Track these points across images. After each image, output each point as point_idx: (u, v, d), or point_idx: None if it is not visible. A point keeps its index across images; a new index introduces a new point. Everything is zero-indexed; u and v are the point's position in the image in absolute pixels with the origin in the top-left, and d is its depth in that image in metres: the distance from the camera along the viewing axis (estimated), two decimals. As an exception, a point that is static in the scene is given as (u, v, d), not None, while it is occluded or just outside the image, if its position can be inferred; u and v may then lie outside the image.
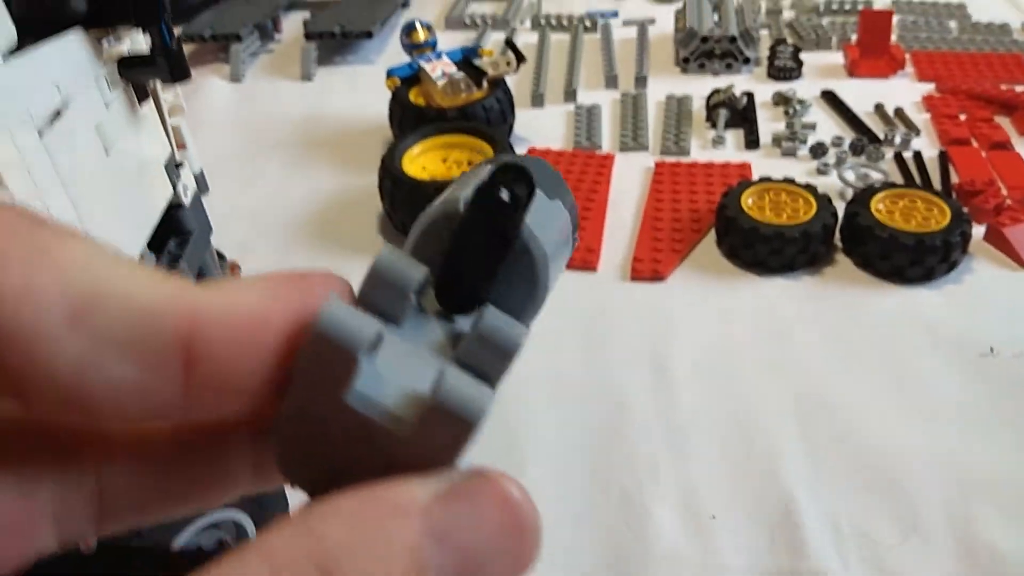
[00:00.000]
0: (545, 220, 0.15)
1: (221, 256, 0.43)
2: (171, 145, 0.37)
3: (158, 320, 0.11)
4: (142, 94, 0.34)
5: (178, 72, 0.31)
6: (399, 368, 0.13)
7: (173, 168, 0.37)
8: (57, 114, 0.28)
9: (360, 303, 0.13)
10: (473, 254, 0.14)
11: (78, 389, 0.11)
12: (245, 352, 0.12)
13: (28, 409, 0.12)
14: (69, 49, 0.30)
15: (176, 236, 0.38)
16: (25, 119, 0.26)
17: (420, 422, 0.12)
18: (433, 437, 0.12)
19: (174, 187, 0.37)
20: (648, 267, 0.60)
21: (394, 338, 0.13)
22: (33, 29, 0.32)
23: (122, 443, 0.14)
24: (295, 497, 0.14)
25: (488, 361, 0.13)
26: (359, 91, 0.90)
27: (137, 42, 0.35)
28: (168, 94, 0.37)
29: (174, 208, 0.38)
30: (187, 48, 0.99)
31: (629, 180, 0.72)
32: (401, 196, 0.62)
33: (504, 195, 0.13)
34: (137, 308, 0.11)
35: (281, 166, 0.77)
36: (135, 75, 0.32)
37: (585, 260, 0.62)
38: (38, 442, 0.13)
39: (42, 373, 0.11)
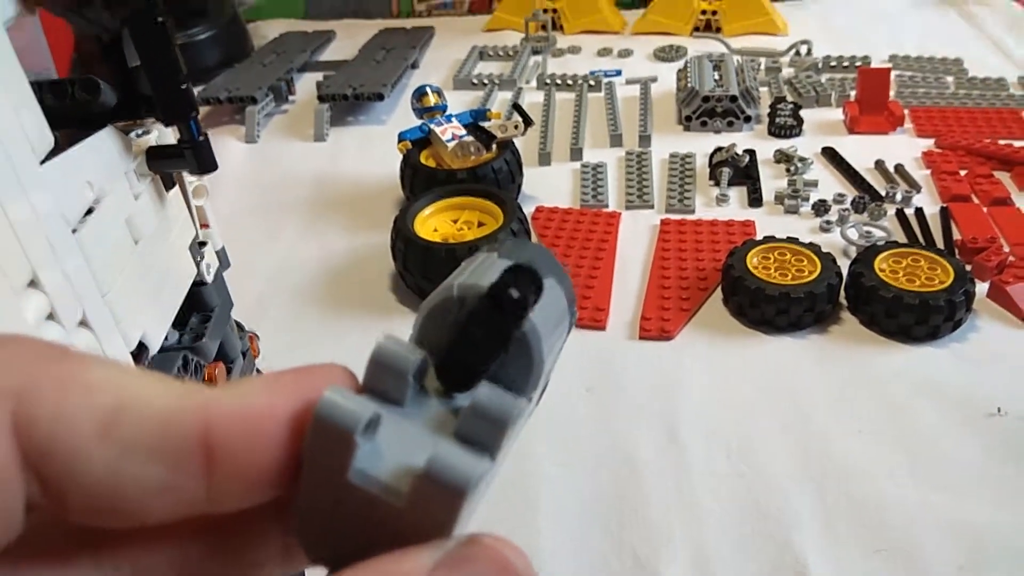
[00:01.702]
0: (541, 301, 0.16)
1: (240, 327, 0.44)
2: (196, 227, 0.38)
3: (176, 422, 0.12)
4: (168, 181, 0.36)
5: (206, 164, 0.33)
6: (398, 445, 0.14)
7: (197, 248, 0.38)
8: (89, 211, 0.30)
9: (364, 388, 0.14)
10: (475, 342, 0.15)
11: (111, 494, 0.12)
12: (257, 443, 0.13)
13: (67, 515, 0.13)
14: (101, 146, 0.31)
15: (198, 312, 0.39)
16: (60, 219, 0.28)
17: (413, 493, 0.13)
18: (427, 507, 0.13)
19: (198, 266, 0.38)
20: (656, 326, 0.61)
21: (395, 418, 0.14)
22: (64, 122, 0.34)
23: (156, 535, 0.15)
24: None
25: (484, 432, 0.13)
26: (371, 151, 0.92)
27: (164, 131, 0.36)
28: (191, 176, 0.39)
29: (197, 285, 0.39)
30: (203, 110, 1.03)
31: (635, 237, 0.73)
32: (413, 257, 0.64)
33: (514, 294, 0.15)
34: (156, 414, 0.12)
35: (295, 226, 0.79)
36: (163, 167, 0.34)
37: (594, 319, 0.63)
38: (78, 539, 0.14)
39: (78, 483, 0.12)
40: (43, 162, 0.28)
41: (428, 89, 0.81)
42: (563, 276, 0.18)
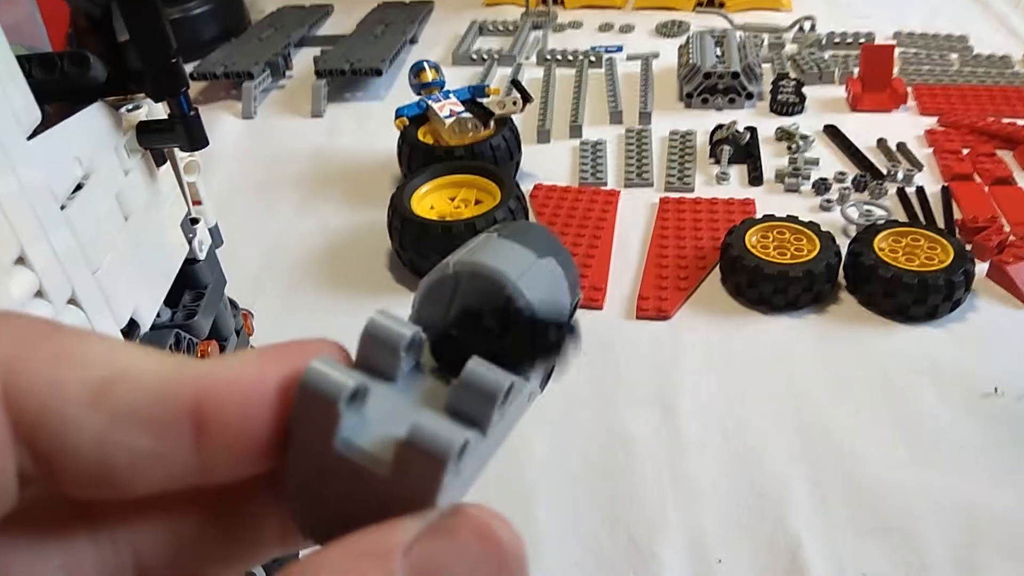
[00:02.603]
0: (536, 279, 0.16)
1: (234, 305, 0.44)
2: (187, 203, 0.38)
3: (167, 392, 0.13)
4: (160, 158, 0.35)
5: (196, 140, 0.32)
6: (385, 417, 0.14)
7: (189, 225, 0.38)
8: (78, 186, 0.29)
9: (357, 363, 0.14)
10: (469, 322, 0.16)
11: (102, 463, 0.12)
12: (247, 411, 0.13)
13: (60, 487, 0.13)
14: (90, 121, 0.31)
15: (191, 290, 0.39)
16: (48, 194, 0.27)
17: (396, 461, 0.13)
18: (410, 476, 0.13)
19: (190, 243, 0.38)
20: (653, 305, 0.61)
21: (386, 392, 0.14)
22: (54, 96, 0.34)
23: (154, 511, 0.15)
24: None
25: (473, 406, 0.13)
26: (368, 127, 0.91)
27: (154, 106, 0.36)
28: (183, 152, 0.38)
29: (189, 263, 0.39)
30: (199, 85, 1.01)
31: (634, 216, 0.73)
32: (409, 235, 0.63)
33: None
34: (148, 385, 0.12)
35: (291, 203, 0.79)
36: (153, 143, 0.33)
37: (591, 298, 0.62)
38: (75, 514, 0.14)
39: (70, 453, 0.12)
40: (31, 137, 0.27)
41: (426, 65, 0.80)
42: (564, 256, 0.17)
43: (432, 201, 0.68)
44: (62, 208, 0.28)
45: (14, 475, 0.12)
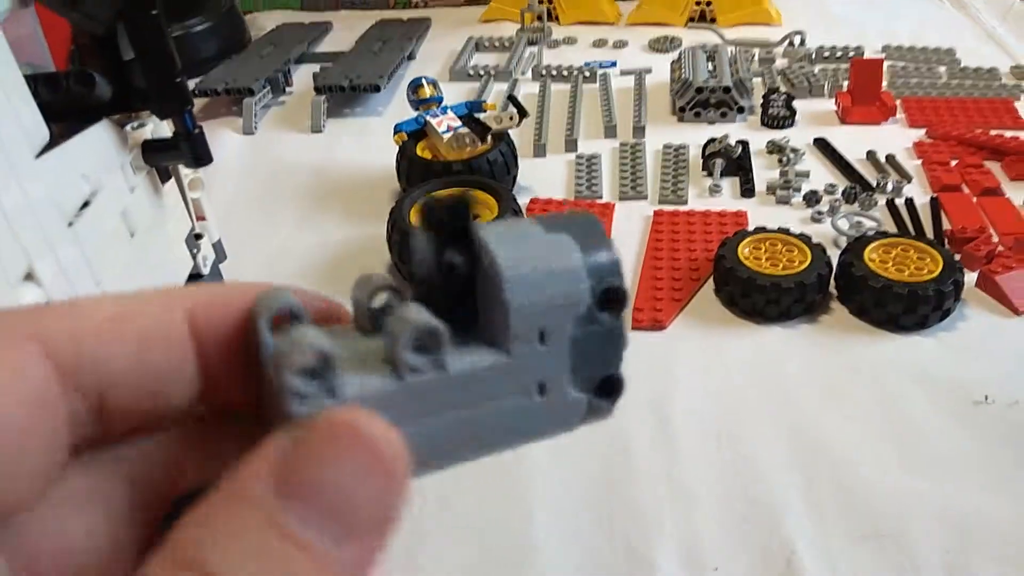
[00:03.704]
0: (522, 248, 0.15)
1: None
2: (191, 219, 0.39)
3: (168, 311, 0.14)
4: (164, 175, 0.36)
5: (201, 157, 0.33)
6: (317, 342, 0.14)
7: (193, 240, 0.39)
8: (85, 204, 0.30)
9: (353, 319, 0.16)
10: (431, 267, 0.16)
11: (138, 387, 0.14)
12: (229, 318, 0.15)
13: (107, 422, 0.14)
14: (96, 140, 0.32)
15: (194, 304, 0.40)
16: (55, 211, 0.28)
17: (272, 371, 0.14)
18: (275, 386, 0.14)
19: (194, 258, 0.39)
20: (648, 316, 0.62)
21: (355, 339, 0.16)
22: (60, 115, 0.35)
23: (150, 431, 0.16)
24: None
25: (388, 344, 0.14)
26: (367, 143, 0.92)
27: (159, 124, 0.37)
28: (187, 169, 0.39)
29: (194, 277, 0.39)
30: (201, 102, 1.03)
31: (629, 228, 0.74)
32: (408, 249, 0.64)
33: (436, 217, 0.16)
34: (153, 309, 0.14)
35: (292, 217, 0.79)
36: (158, 160, 0.34)
37: (587, 310, 0.63)
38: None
39: (113, 384, 0.14)
40: (39, 155, 0.28)
41: (424, 81, 0.81)
42: (587, 236, 0.16)
43: (430, 215, 0.69)
44: (69, 225, 0.29)
45: (66, 418, 0.13)
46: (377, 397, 0.14)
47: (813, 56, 1.06)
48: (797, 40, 1.10)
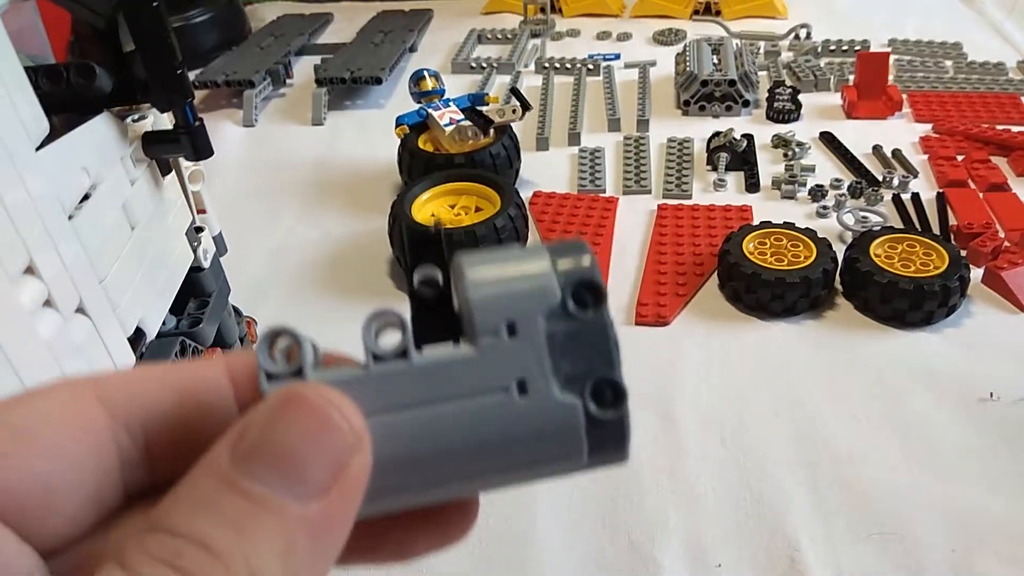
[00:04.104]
0: (491, 255, 0.16)
1: (238, 312, 0.45)
2: (192, 212, 0.38)
3: (219, 376, 0.16)
4: (164, 167, 0.36)
5: (201, 150, 0.33)
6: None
7: (194, 234, 0.38)
8: (86, 196, 0.30)
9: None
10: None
11: (184, 428, 0.15)
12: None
13: (150, 460, 0.15)
14: (97, 132, 0.31)
15: (196, 298, 0.39)
16: (56, 204, 0.28)
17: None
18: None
19: (195, 252, 0.38)
20: (652, 312, 0.62)
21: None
22: (60, 107, 0.34)
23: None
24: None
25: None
26: (368, 135, 0.92)
27: (160, 116, 0.36)
28: (187, 162, 0.39)
29: (194, 271, 0.39)
30: (201, 94, 1.02)
31: (633, 223, 0.73)
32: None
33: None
34: (208, 378, 0.16)
35: (293, 210, 0.79)
36: (159, 152, 0.34)
37: (590, 305, 0.63)
38: None
39: (161, 437, 0.15)
40: (39, 148, 0.28)
41: (426, 73, 0.81)
42: (564, 247, 0.16)
43: (433, 208, 0.69)
44: (70, 218, 0.28)
45: (115, 459, 0.14)
46: (341, 382, 0.14)
47: (819, 50, 1.05)
48: (803, 34, 1.09)
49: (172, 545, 0.11)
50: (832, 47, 1.06)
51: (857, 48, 1.04)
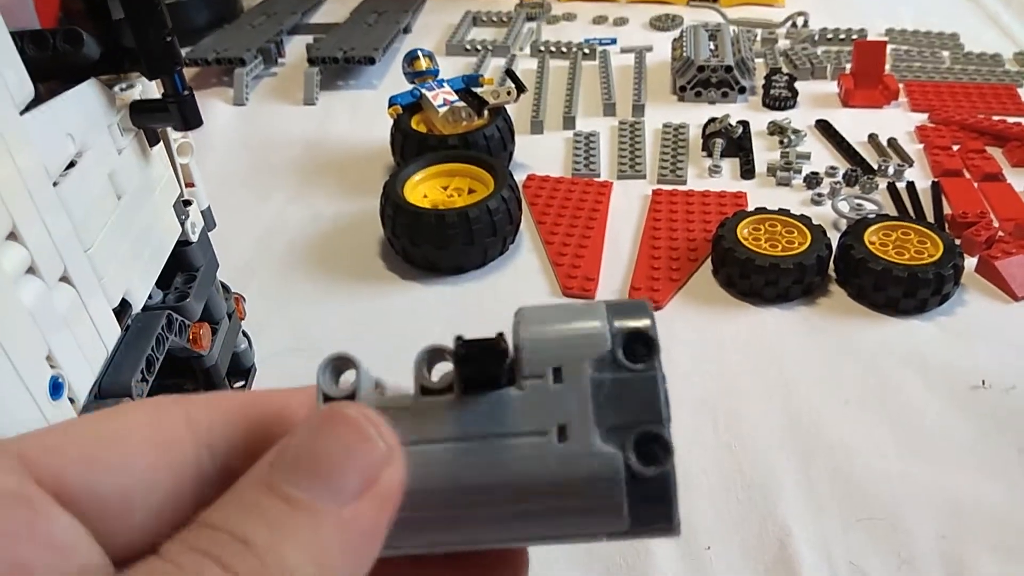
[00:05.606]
0: (551, 308, 0.16)
1: (227, 289, 0.44)
2: (180, 185, 0.37)
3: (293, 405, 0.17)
4: (152, 137, 0.35)
5: (190, 120, 0.32)
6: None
7: (181, 207, 0.38)
8: (71, 164, 0.29)
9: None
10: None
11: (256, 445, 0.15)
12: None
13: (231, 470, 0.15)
14: (83, 99, 0.31)
15: (183, 272, 0.39)
16: (40, 171, 0.27)
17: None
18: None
19: (182, 225, 0.38)
20: (645, 295, 0.61)
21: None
22: (46, 74, 0.33)
23: None
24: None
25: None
26: (361, 116, 0.91)
27: (148, 86, 0.36)
28: (177, 132, 0.38)
29: (181, 245, 0.38)
30: (191, 71, 1.01)
31: (627, 207, 0.73)
32: (402, 223, 0.63)
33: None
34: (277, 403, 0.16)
35: (283, 190, 0.78)
36: (147, 122, 0.33)
37: (583, 288, 0.62)
38: None
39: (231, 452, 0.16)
40: (23, 112, 0.27)
41: (420, 53, 0.80)
42: (623, 304, 0.16)
43: (425, 190, 0.68)
44: (55, 185, 0.28)
45: (193, 475, 0.15)
46: (386, 408, 0.15)
47: (816, 38, 1.05)
48: (800, 21, 1.09)
49: (211, 537, 0.12)
50: (829, 35, 1.05)
51: (854, 37, 1.04)
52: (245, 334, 0.49)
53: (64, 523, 0.13)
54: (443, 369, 0.16)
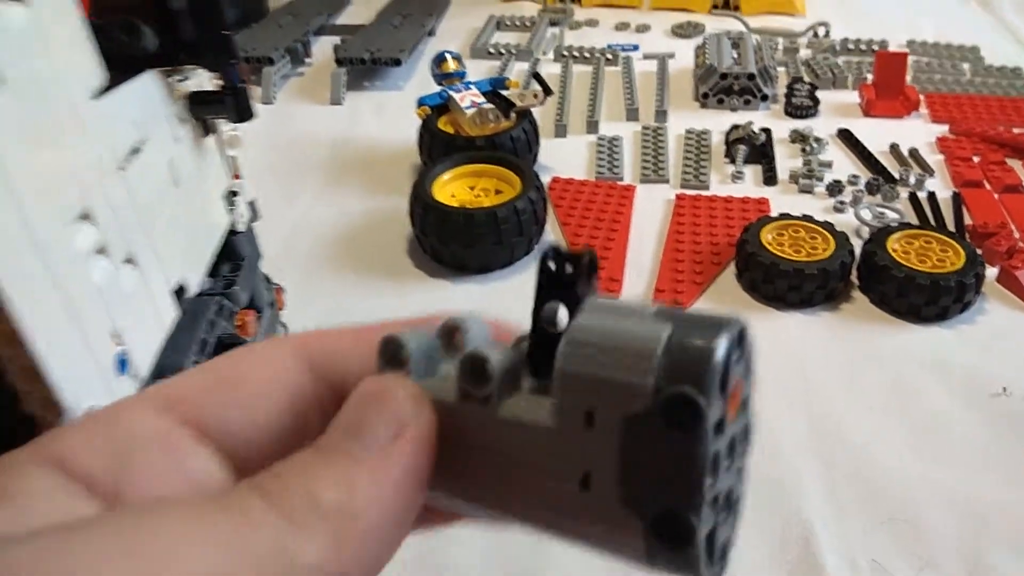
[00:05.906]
0: (611, 319, 0.14)
1: (268, 280, 0.45)
2: (228, 176, 0.39)
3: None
4: (204, 130, 0.36)
5: (244, 112, 0.33)
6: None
7: (230, 197, 0.39)
8: (136, 150, 0.30)
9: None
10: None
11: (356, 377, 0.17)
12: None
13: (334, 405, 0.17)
14: (145, 88, 0.32)
15: (230, 261, 0.40)
16: (110, 155, 0.28)
17: None
18: None
19: (231, 214, 0.39)
20: (669, 298, 0.62)
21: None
22: (105, 64, 0.34)
23: None
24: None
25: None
26: (387, 116, 0.92)
27: (202, 79, 0.37)
28: (227, 125, 0.39)
29: (229, 234, 0.39)
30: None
31: (650, 211, 0.74)
32: (431, 222, 0.64)
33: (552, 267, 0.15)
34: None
35: (311, 188, 0.79)
36: (204, 112, 0.34)
37: (607, 289, 0.63)
38: None
39: (348, 382, 0.17)
40: (95, 97, 0.28)
41: (448, 55, 0.81)
42: (693, 327, 0.13)
43: (453, 189, 0.69)
44: (121, 169, 0.29)
45: (311, 403, 0.17)
46: (433, 399, 0.15)
47: (837, 48, 1.06)
48: (822, 31, 1.09)
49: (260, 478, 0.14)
50: (850, 46, 1.06)
51: (875, 47, 1.04)
52: (283, 324, 0.50)
53: (203, 457, 0.15)
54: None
